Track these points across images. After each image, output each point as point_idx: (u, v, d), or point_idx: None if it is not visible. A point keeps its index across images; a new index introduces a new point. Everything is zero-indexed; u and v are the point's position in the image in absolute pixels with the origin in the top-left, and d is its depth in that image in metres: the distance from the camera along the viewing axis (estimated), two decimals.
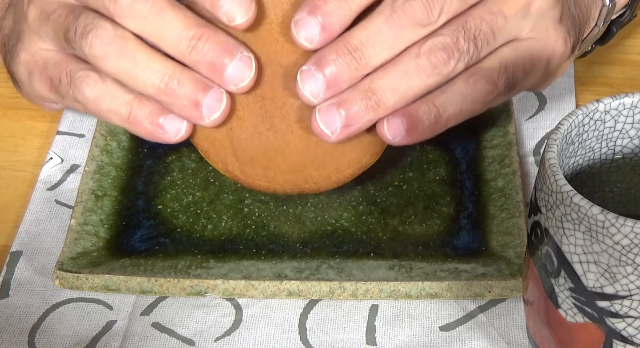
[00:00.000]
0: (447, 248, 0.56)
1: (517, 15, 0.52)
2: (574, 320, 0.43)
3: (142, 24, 0.50)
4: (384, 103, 0.50)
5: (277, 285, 0.54)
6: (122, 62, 0.50)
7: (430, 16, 0.49)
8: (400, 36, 0.50)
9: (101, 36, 0.50)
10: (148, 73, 0.50)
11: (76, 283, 0.55)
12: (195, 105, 0.50)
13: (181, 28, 0.49)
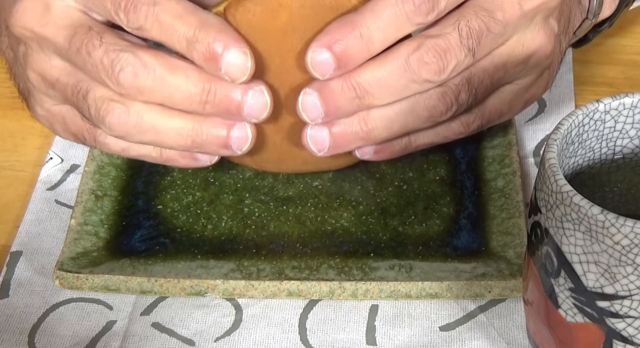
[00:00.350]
0: (447, 248, 0.56)
1: (517, 67, 0.54)
2: (574, 320, 0.43)
3: (149, 96, 0.50)
4: (375, 136, 0.52)
5: (277, 285, 0.54)
6: (144, 135, 0.52)
7: (442, 75, 0.51)
8: (408, 87, 0.51)
9: (118, 118, 0.51)
10: (172, 136, 0.52)
11: (76, 283, 0.55)
12: (224, 146, 0.52)
13: (188, 89, 0.50)
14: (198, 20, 0.49)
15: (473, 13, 0.51)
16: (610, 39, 0.71)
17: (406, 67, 0.50)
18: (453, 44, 0.50)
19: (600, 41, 0.71)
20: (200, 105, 0.50)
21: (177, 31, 0.49)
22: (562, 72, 0.67)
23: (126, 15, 0.49)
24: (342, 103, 0.51)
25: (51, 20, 0.52)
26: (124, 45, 0.50)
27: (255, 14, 0.50)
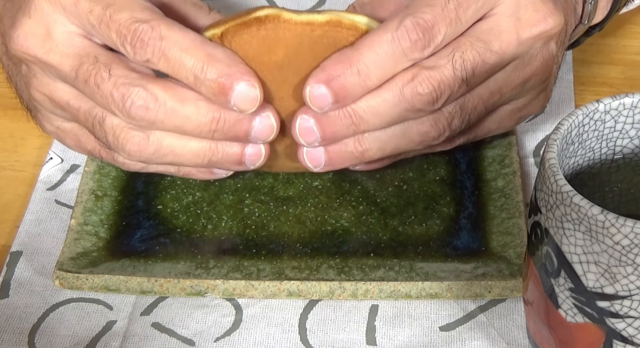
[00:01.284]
0: (447, 248, 0.56)
1: (514, 91, 0.55)
2: (574, 320, 0.43)
3: (161, 126, 0.51)
4: (369, 156, 0.54)
5: (277, 285, 0.54)
6: (164, 159, 0.53)
7: (435, 105, 0.52)
8: (402, 115, 0.52)
9: (138, 145, 0.52)
10: (190, 157, 0.53)
11: (76, 283, 0.55)
12: (238, 162, 0.54)
13: (198, 120, 0.51)
14: (205, 54, 0.49)
15: (469, 44, 0.51)
16: (610, 39, 0.71)
17: (400, 97, 0.51)
18: (447, 75, 0.51)
19: (600, 41, 0.71)
20: (210, 133, 0.51)
21: (184, 65, 0.49)
22: (562, 72, 0.67)
23: (133, 48, 0.49)
24: (338, 129, 0.52)
25: (54, 47, 0.51)
26: (134, 77, 0.50)
27: (252, 46, 0.50)
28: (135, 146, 0.52)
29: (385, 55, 0.50)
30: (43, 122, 0.57)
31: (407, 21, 0.49)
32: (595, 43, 0.70)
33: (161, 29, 0.49)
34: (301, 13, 0.50)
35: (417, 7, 0.50)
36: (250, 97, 0.50)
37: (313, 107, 0.51)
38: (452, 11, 0.50)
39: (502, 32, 0.52)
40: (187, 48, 0.49)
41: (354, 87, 0.50)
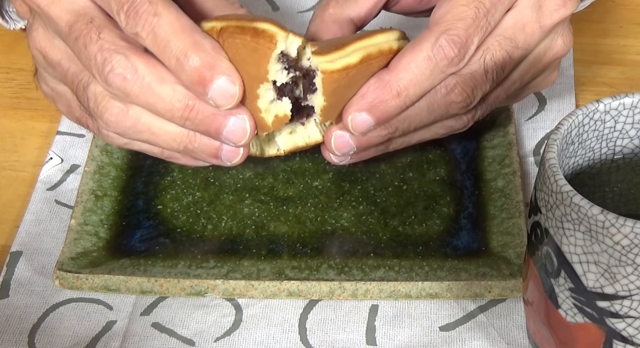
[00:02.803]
0: (447, 248, 0.56)
1: (534, 75, 0.56)
2: (574, 320, 0.43)
3: (134, 100, 0.50)
4: (392, 148, 0.55)
5: (277, 285, 0.54)
6: (140, 135, 0.52)
7: (468, 108, 0.53)
8: (435, 120, 0.54)
9: (116, 116, 0.51)
10: (165, 139, 0.52)
11: (76, 283, 0.55)
12: (214, 156, 0.53)
13: (171, 103, 0.50)
14: (193, 40, 0.49)
15: (497, 44, 0.52)
16: (610, 39, 0.71)
17: (436, 107, 0.52)
18: (479, 80, 0.52)
19: (600, 41, 0.71)
20: (181, 120, 0.51)
21: (170, 47, 0.49)
22: (563, 68, 0.68)
23: (126, 18, 0.49)
24: (374, 140, 0.53)
25: (57, 0, 0.51)
26: (120, 45, 0.50)
27: (240, 53, 0.49)
28: (113, 116, 0.51)
29: (423, 74, 0.50)
30: (40, 81, 0.57)
31: (442, 40, 0.50)
32: (595, 43, 0.70)
33: (158, 6, 0.49)
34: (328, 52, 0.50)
35: (449, 23, 0.50)
36: (228, 92, 0.49)
37: (354, 132, 0.51)
38: (482, 19, 0.50)
39: (526, 25, 0.52)
40: (176, 30, 0.49)
41: (394, 109, 0.51)
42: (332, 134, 0.52)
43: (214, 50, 0.49)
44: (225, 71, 0.48)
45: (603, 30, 0.71)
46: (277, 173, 0.61)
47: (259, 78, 0.49)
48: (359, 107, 0.50)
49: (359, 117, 0.51)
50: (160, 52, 0.49)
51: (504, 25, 0.52)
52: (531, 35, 0.53)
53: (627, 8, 0.73)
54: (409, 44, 0.51)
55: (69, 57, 0.52)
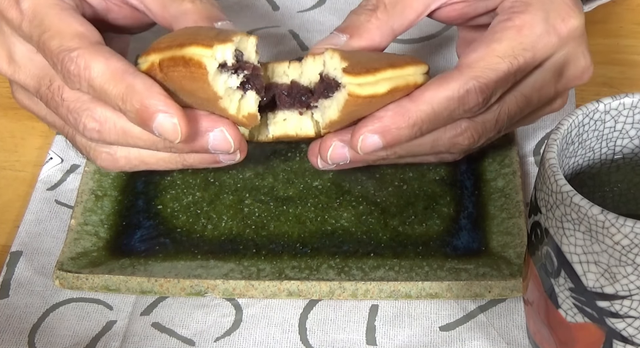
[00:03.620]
0: (447, 248, 0.56)
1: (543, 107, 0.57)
2: (574, 320, 0.43)
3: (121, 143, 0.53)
4: (376, 164, 0.56)
5: (277, 285, 0.54)
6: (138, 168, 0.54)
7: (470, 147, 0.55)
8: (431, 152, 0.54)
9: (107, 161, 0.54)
10: (162, 164, 0.54)
11: (76, 283, 0.55)
12: (215, 163, 0.53)
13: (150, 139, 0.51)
14: (125, 85, 0.49)
15: (514, 100, 0.53)
16: (610, 39, 0.71)
17: (441, 144, 0.53)
18: (488, 128, 0.53)
19: (600, 41, 0.71)
20: (166, 149, 0.52)
21: (109, 95, 0.49)
22: None
23: (64, 78, 0.50)
24: (370, 158, 0.53)
25: (17, 68, 0.53)
26: (83, 101, 0.51)
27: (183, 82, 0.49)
28: (105, 162, 0.53)
29: (443, 112, 0.51)
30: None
31: (471, 85, 0.50)
32: (595, 43, 0.70)
33: (85, 59, 0.49)
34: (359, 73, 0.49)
35: (481, 71, 0.51)
36: (170, 127, 0.49)
37: (361, 151, 0.51)
38: (512, 75, 0.51)
39: (543, 87, 0.54)
40: (109, 78, 0.49)
41: (406, 138, 0.51)
42: (332, 144, 0.52)
43: (147, 89, 0.49)
44: (161, 108, 0.49)
45: (603, 30, 0.71)
46: (277, 173, 0.61)
47: (213, 98, 0.49)
48: (373, 128, 0.50)
49: (370, 139, 0.51)
50: (104, 100, 0.50)
51: (525, 84, 0.53)
52: (545, 96, 0.55)
53: (627, 8, 0.73)
54: (435, 79, 0.51)
55: (50, 114, 0.54)
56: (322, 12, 0.74)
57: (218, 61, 0.49)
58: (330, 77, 0.50)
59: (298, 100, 0.53)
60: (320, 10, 0.74)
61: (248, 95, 0.51)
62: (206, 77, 0.48)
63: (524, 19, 0.52)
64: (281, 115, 0.53)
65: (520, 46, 0.51)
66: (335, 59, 0.50)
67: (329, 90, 0.51)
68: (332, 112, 0.51)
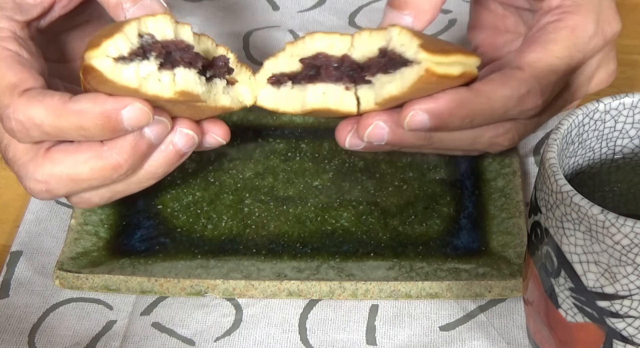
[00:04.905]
0: (447, 248, 0.56)
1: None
2: (574, 320, 0.43)
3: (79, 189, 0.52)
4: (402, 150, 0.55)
5: (277, 285, 0.54)
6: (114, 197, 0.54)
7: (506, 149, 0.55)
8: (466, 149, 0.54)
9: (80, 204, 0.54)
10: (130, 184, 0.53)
11: (76, 283, 0.55)
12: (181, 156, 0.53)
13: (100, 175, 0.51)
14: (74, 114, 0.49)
15: (561, 106, 0.54)
16: None
17: (481, 141, 0.53)
18: (529, 130, 0.54)
19: None
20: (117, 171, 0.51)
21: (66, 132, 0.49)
22: None
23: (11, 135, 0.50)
24: (406, 142, 0.52)
25: None
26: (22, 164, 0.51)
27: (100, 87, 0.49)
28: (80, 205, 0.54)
29: (499, 110, 0.50)
30: None
31: (532, 86, 0.50)
32: None
33: (22, 112, 0.49)
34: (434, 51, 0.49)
35: (543, 72, 0.51)
36: (140, 113, 0.49)
37: (405, 126, 0.50)
38: (566, 76, 0.52)
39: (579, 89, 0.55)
40: (56, 118, 0.49)
41: (453, 126, 0.51)
42: (374, 122, 0.51)
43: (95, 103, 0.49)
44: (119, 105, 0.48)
45: None
46: (277, 173, 0.61)
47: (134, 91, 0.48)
48: (426, 108, 0.50)
49: (419, 116, 0.50)
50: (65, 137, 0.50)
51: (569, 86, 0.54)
52: (577, 97, 0.55)
53: (627, 8, 0.73)
54: (497, 75, 0.51)
55: None
56: (322, 12, 0.74)
57: (112, 57, 0.48)
58: (397, 53, 0.49)
59: (347, 74, 0.51)
60: (320, 10, 0.74)
61: (176, 72, 0.49)
62: (106, 77, 0.48)
63: (576, 19, 0.52)
64: (321, 87, 0.52)
65: (574, 47, 0.52)
66: (405, 35, 0.49)
67: (391, 65, 0.50)
68: (392, 87, 0.49)
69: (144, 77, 0.48)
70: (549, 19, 0.53)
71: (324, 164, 0.62)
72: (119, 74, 0.48)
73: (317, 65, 0.51)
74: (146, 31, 0.49)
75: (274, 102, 0.52)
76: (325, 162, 0.62)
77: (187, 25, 0.50)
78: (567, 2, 0.52)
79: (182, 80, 0.49)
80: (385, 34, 0.50)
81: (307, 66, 0.51)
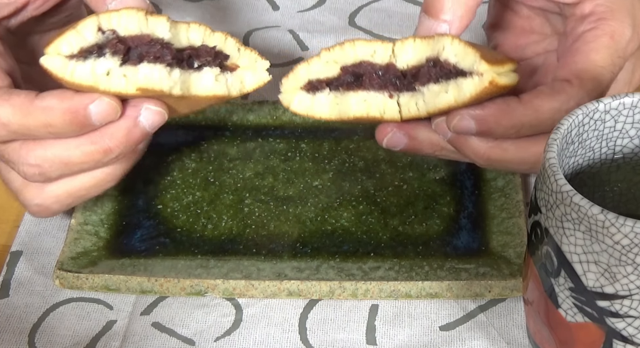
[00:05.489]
0: (447, 248, 0.56)
1: None
2: (574, 320, 0.43)
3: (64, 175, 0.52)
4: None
5: (277, 285, 0.54)
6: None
7: None
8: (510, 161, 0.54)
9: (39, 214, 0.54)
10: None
11: (76, 283, 0.55)
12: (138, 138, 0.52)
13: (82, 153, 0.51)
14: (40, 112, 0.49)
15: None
16: None
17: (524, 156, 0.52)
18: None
19: None
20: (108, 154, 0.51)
21: (32, 129, 0.49)
22: None
23: None
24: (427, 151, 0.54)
25: None
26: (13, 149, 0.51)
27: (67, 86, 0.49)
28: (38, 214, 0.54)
29: (546, 121, 0.50)
30: None
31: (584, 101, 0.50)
32: None
33: None
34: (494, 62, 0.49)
35: (592, 84, 0.50)
36: (108, 107, 0.49)
37: (452, 128, 0.51)
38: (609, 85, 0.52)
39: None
40: (22, 117, 0.49)
41: (499, 135, 0.51)
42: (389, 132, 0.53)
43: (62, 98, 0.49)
44: (86, 101, 0.49)
45: None
46: (277, 173, 0.61)
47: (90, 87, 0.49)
48: (473, 114, 0.50)
49: (466, 121, 0.50)
50: (32, 135, 0.50)
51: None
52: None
53: None
54: (547, 87, 0.51)
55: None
56: (322, 12, 0.74)
57: (64, 54, 0.48)
58: (450, 63, 0.49)
59: (390, 82, 0.51)
60: (320, 10, 0.74)
61: (140, 68, 0.49)
62: (56, 75, 0.48)
63: (613, 25, 0.52)
64: (363, 95, 0.52)
65: (615, 54, 0.51)
66: (458, 45, 0.49)
67: (442, 75, 0.50)
68: (450, 97, 0.49)
69: (105, 74, 0.48)
70: (585, 27, 0.52)
71: (324, 163, 0.62)
72: (72, 71, 0.48)
73: (359, 73, 0.51)
74: (108, 27, 0.48)
75: (309, 109, 0.52)
76: (325, 162, 0.62)
77: (162, 17, 0.49)
78: (601, 8, 0.52)
79: (143, 77, 0.49)
80: (434, 43, 0.50)
81: (347, 73, 0.51)
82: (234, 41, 0.51)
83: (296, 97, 0.52)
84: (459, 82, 0.49)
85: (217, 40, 0.51)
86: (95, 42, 0.48)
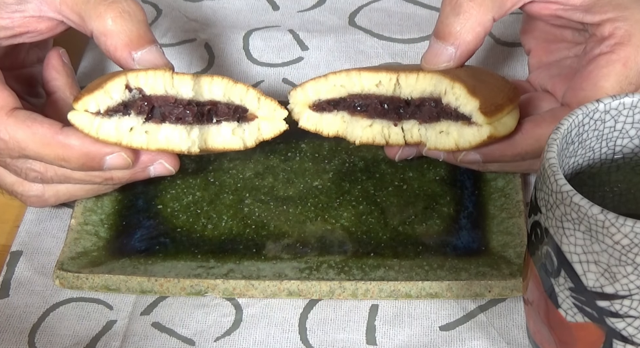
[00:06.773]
0: (447, 248, 0.56)
1: None
2: (574, 320, 0.43)
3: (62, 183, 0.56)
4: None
5: (277, 285, 0.54)
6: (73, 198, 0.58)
7: None
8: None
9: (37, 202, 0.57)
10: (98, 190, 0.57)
11: (76, 283, 0.55)
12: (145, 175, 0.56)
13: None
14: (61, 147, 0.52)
15: None
16: None
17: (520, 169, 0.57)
18: None
19: None
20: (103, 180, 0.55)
21: (46, 159, 0.52)
22: None
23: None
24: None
25: None
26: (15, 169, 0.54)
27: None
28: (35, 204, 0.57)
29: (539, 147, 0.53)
30: None
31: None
32: None
33: (7, 132, 0.52)
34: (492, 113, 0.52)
35: None
36: (121, 161, 0.53)
37: (459, 161, 0.56)
38: None
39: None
40: (41, 147, 0.52)
41: (504, 161, 0.55)
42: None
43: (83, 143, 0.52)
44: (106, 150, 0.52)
45: None
46: (277, 173, 0.61)
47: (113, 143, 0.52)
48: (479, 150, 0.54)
49: (471, 155, 0.55)
50: (40, 160, 0.53)
51: None
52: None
53: None
54: (549, 114, 0.54)
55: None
56: (322, 12, 0.74)
57: (90, 111, 0.52)
58: (452, 107, 0.53)
59: (395, 111, 0.55)
60: (320, 10, 0.74)
61: (162, 128, 0.53)
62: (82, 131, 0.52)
63: (628, 51, 0.52)
64: (368, 121, 0.55)
65: (626, 80, 0.52)
66: (459, 89, 0.53)
67: (444, 115, 0.53)
68: (451, 141, 0.54)
69: (127, 130, 0.52)
70: (602, 49, 0.53)
71: (324, 164, 0.62)
72: (97, 128, 0.52)
73: (365, 103, 0.55)
74: (135, 85, 0.52)
75: (317, 125, 0.57)
76: (325, 162, 0.62)
77: (187, 76, 0.53)
78: (620, 32, 0.53)
79: (164, 138, 0.53)
80: (436, 82, 0.54)
81: (353, 99, 0.55)
82: (254, 92, 0.54)
83: (305, 114, 0.56)
84: (460, 128, 0.53)
85: (239, 91, 0.54)
86: (122, 99, 0.52)
